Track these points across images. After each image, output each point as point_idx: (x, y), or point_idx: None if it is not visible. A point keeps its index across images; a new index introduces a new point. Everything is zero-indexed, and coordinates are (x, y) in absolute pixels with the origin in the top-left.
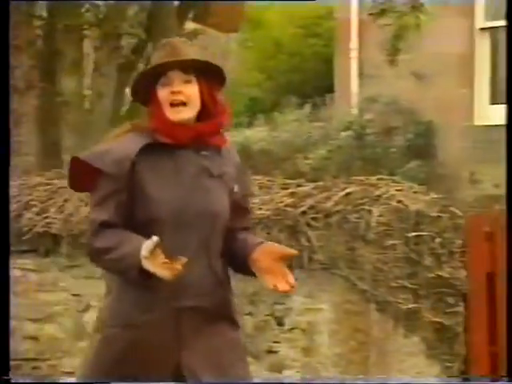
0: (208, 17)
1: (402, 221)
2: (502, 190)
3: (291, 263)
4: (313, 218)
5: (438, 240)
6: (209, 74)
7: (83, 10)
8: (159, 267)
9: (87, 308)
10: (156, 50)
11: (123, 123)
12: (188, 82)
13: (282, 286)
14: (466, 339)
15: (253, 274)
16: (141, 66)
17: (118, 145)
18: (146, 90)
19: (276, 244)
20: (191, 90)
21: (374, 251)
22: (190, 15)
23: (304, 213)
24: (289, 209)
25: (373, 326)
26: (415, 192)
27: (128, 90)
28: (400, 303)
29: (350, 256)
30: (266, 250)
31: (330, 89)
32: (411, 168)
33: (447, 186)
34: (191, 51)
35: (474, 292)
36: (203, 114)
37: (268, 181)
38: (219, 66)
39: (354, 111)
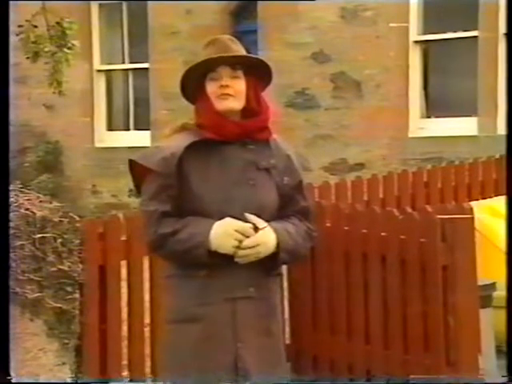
0: None
1: (30, 225)
2: (118, 199)
3: None
4: None
5: (59, 240)
6: (256, 72)
7: None
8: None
9: None
10: (204, 47)
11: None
12: (236, 77)
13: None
14: (81, 320)
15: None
16: None
17: (168, 144)
18: (194, 86)
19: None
20: (239, 85)
21: None
22: None
23: None
24: None
25: None
26: (41, 201)
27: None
28: (27, 293)
29: None
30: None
31: None
32: (42, 180)
33: (72, 195)
34: (239, 49)
35: (88, 281)
36: (247, 111)
37: None
38: (268, 65)
39: None
